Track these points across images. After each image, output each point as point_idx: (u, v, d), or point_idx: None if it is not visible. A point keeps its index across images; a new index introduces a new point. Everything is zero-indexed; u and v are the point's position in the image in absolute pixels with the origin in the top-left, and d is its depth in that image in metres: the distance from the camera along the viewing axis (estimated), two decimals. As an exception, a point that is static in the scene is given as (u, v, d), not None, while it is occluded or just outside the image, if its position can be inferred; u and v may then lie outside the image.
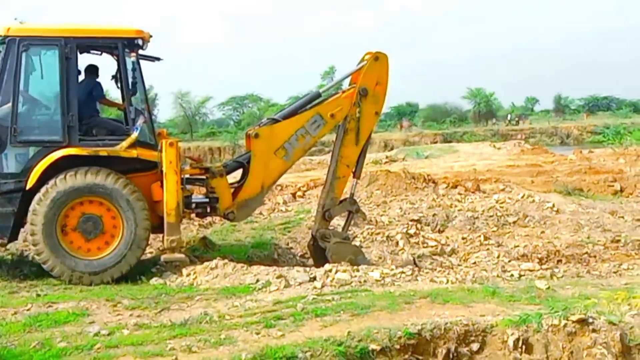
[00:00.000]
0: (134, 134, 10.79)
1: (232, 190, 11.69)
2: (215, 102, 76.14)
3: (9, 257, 12.11)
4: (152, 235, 11.22)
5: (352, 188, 12.20)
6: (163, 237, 10.97)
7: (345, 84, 12.31)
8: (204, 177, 11.74)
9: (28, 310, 8.99)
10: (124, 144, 10.73)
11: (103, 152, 10.70)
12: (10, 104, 10.61)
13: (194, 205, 11.66)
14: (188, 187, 11.56)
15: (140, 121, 11.00)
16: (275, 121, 11.92)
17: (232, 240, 13.82)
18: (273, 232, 14.54)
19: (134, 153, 10.77)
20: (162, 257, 11.65)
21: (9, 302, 9.40)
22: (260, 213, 16.69)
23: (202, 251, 12.46)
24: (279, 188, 19.06)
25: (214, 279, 10.54)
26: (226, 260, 11.22)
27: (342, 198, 12.00)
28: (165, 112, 71.75)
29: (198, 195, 11.67)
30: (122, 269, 10.58)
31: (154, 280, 10.66)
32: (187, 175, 11.60)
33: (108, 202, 10.53)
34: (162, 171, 10.78)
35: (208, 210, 11.83)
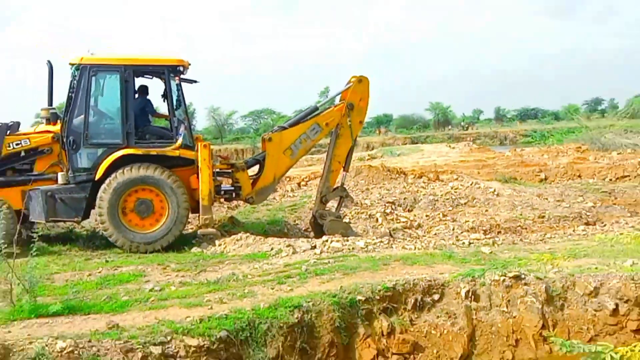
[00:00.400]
0: (179, 140, 10.78)
1: (252, 180, 11.67)
2: (239, 115, 75.97)
3: (84, 232, 12.08)
4: (191, 215, 11.21)
5: (342, 179, 12.21)
6: (199, 216, 11.02)
7: (337, 100, 12.27)
8: (230, 170, 11.74)
9: (99, 272, 9.00)
10: (175, 145, 10.77)
11: (153, 151, 10.72)
12: (83, 116, 10.61)
13: (222, 192, 11.63)
14: (218, 178, 11.50)
15: (181, 129, 10.98)
16: (284, 128, 11.94)
17: (253, 219, 13.80)
18: (283, 212, 14.54)
19: (176, 152, 10.76)
20: (199, 232, 11.82)
21: (85, 267, 9.40)
22: (274, 198, 16.70)
23: (230, 227, 12.44)
24: (288, 179, 19.04)
25: (239, 248, 10.54)
26: (248, 234, 11.21)
27: (335, 186, 12.01)
28: (201, 122, 71.40)
29: (226, 184, 11.67)
30: (168, 239, 10.56)
31: (194, 249, 10.65)
32: (217, 169, 11.55)
33: (157, 189, 10.52)
34: (198, 166, 10.79)
35: (233, 195, 11.81)
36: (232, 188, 11.66)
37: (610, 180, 21.08)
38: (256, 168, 11.90)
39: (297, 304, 7.00)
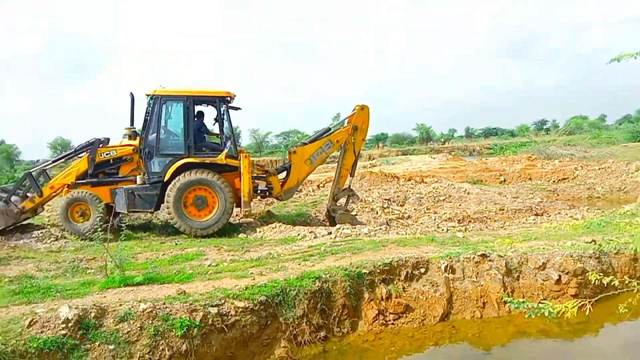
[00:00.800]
0: (225, 151, 10.87)
1: (281, 183, 11.71)
2: (273, 134, 76.11)
3: (160, 222, 12.16)
4: (236, 209, 11.30)
5: (349, 182, 12.19)
6: (241, 209, 11.03)
7: (345, 123, 12.24)
8: (264, 175, 11.77)
9: (170, 252, 9.07)
10: (222, 155, 10.82)
11: (207, 160, 10.79)
12: (155, 134, 10.77)
13: (259, 191, 11.66)
14: (256, 181, 11.56)
15: (228, 143, 11.11)
16: (305, 144, 11.95)
17: (284, 212, 13.81)
18: (307, 207, 14.54)
19: (224, 161, 10.82)
20: (241, 221, 11.85)
21: (160, 248, 9.48)
22: (299, 196, 16.69)
23: (267, 218, 12.47)
24: (310, 182, 19.02)
25: (274, 234, 10.55)
26: (280, 223, 11.24)
27: (343, 188, 12.00)
28: (244, 141, 71.73)
29: (261, 185, 11.71)
30: (218, 226, 10.61)
31: (241, 235, 10.68)
32: (255, 174, 11.61)
33: (209, 188, 10.58)
34: (240, 171, 10.84)
35: (267, 194, 11.83)
36: (266, 188, 11.67)
37: (554, 181, 20.89)
38: (284, 174, 11.92)
39: (318, 275, 7.01)
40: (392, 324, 7.08)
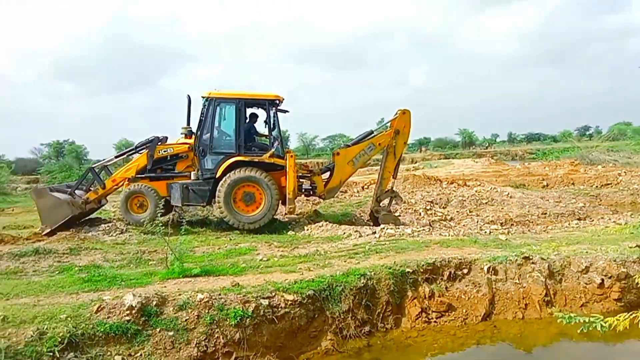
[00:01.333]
0: (272, 150, 11.01)
1: (324, 182, 11.70)
2: (320, 138, 76.27)
3: (215, 219, 12.36)
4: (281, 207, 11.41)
5: (392, 184, 12.06)
6: (286, 206, 11.13)
7: (387, 126, 12.06)
8: (309, 175, 11.80)
9: (225, 247, 9.22)
10: (267, 154, 10.97)
11: (255, 158, 10.91)
12: (209, 133, 10.98)
13: (303, 190, 11.69)
14: (301, 180, 11.62)
15: (275, 144, 11.22)
16: (348, 146, 11.89)
17: (330, 212, 13.80)
18: (352, 208, 14.48)
19: (270, 160, 10.95)
20: (286, 217, 12.04)
21: (216, 243, 9.65)
22: (344, 197, 16.69)
23: (314, 217, 12.47)
24: (354, 184, 18.98)
25: (321, 232, 10.56)
26: (327, 222, 11.24)
27: (386, 189, 11.89)
28: (293, 144, 72.28)
29: (306, 184, 11.74)
30: (264, 221, 10.75)
31: (290, 232, 10.75)
32: (300, 174, 11.67)
33: (257, 185, 10.70)
34: (286, 170, 10.93)
35: (311, 193, 11.84)
36: (310, 187, 11.67)
37: (597, 187, 20.06)
38: (327, 174, 11.90)
39: (363, 273, 6.98)
40: (435, 321, 6.98)
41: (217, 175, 10.78)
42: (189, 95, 11.28)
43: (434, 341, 6.61)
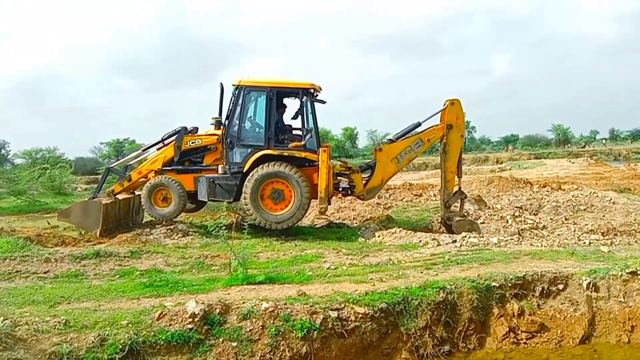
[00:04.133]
0: (301, 143, 10.89)
1: (364, 181, 11.47)
2: (390, 136, 76.05)
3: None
4: (363, 213, 11.30)
5: (459, 184, 11.70)
6: (317, 204, 11.01)
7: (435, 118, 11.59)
8: (347, 172, 11.60)
9: (290, 253, 9.32)
10: (291, 146, 10.86)
11: (285, 152, 10.81)
12: (237, 125, 10.98)
13: (341, 189, 11.52)
14: (338, 177, 11.50)
15: (308, 137, 11.06)
16: (392, 141, 11.63)
17: (404, 217, 13.64)
18: (428, 213, 14.21)
19: (302, 154, 10.81)
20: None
21: (281, 248, 9.78)
22: (419, 201, 16.42)
23: (386, 223, 12.38)
24: (431, 187, 18.63)
25: (394, 239, 10.45)
26: (401, 229, 11.09)
27: (454, 192, 11.54)
28: (362, 142, 72.48)
29: (343, 183, 11.60)
30: (293, 221, 10.69)
31: (359, 239, 10.68)
32: (337, 171, 11.54)
33: (286, 181, 10.61)
34: (318, 166, 10.78)
35: (349, 192, 11.64)
36: (348, 186, 11.48)
37: None
38: (368, 172, 11.62)
39: (442, 285, 6.86)
40: (525, 343, 6.74)
41: (245, 170, 10.78)
42: (221, 84, 11.36)
43: (523, 365, 6.39)
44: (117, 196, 11.54)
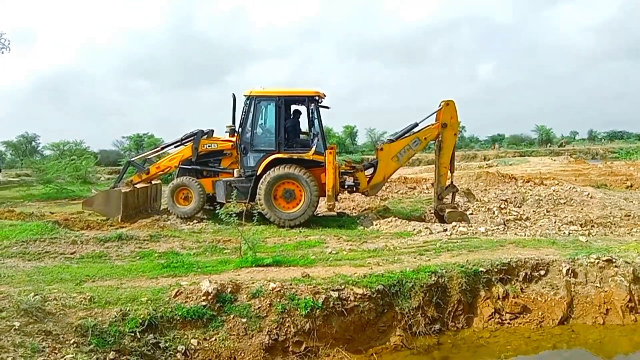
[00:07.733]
0: (313, 148, 10.90)
1: (368, 179, 11.49)
2: (389, 134, 75.66)
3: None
4: (358, 204, 11.24)
5: (451, 178, 11.67)
6: (325, 201, 11.04)
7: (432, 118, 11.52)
8: (352, 171, 11.66)
9: (296, 239, 9.33)
10: (310, 152, 10.85)
11: (295, 155, 10.85)
12: (250, 132, 11.03)
13: (346, 186, 11.59)
14: (344, 176, 11.51)
15: (315, 140, 11.10)
16: (392, 141, 11.58)
17: (399, 208, 13.60)
18: (421, 204, 14.17)
19: (310, 156, 10.84)
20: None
21: (286, 234, 9.80)
22: (414, 193, 16.39)
23: (383, 212, 12.35)
24: (424, 180, 18.60)
25: (390, 227, 10.44)
26: (396, 218, 11.06)
27: (446, 185, 11.51)
28: (361, 139, 72.18)
29: (349, 181, 11.61)
30: (304, 218, 10.64)
31: (359, 227, 10.64)
32: (342, 170, 11.56)
33: (297, 182, 10.64)
34: (325, 167, 10.81)
35: (354, 189, 11.70)
36: (353, 184, 11.54)
37: (687, 188, 18.64)
38: (371, 170, 11.64)
39: (434, 270, 6.87)
40: (508, 323, 6.75)
41: (258, 173, 10.85)
42: (234, 94, 11.43)
43: (507, 343, 6.40)
44: (135, 185, 11.60)
